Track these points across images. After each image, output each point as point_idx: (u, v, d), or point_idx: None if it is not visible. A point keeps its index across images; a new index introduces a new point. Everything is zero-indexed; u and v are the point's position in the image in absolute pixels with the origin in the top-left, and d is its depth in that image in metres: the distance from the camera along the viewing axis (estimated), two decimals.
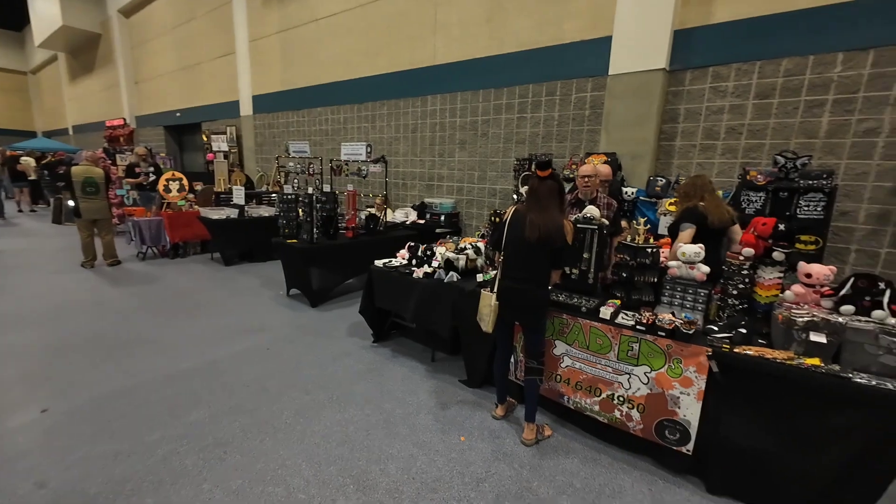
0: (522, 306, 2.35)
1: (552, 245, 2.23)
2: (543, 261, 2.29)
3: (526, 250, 2.27)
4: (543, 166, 2.30)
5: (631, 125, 4.65)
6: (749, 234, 2.18)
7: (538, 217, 2.23)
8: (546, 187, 2.28)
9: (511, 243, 2.33)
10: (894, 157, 3.61)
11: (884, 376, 1.71)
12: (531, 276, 2.30)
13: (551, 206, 2.26)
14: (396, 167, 7.31)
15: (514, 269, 2.33)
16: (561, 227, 2.23)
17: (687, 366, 2.07)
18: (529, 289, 2.30)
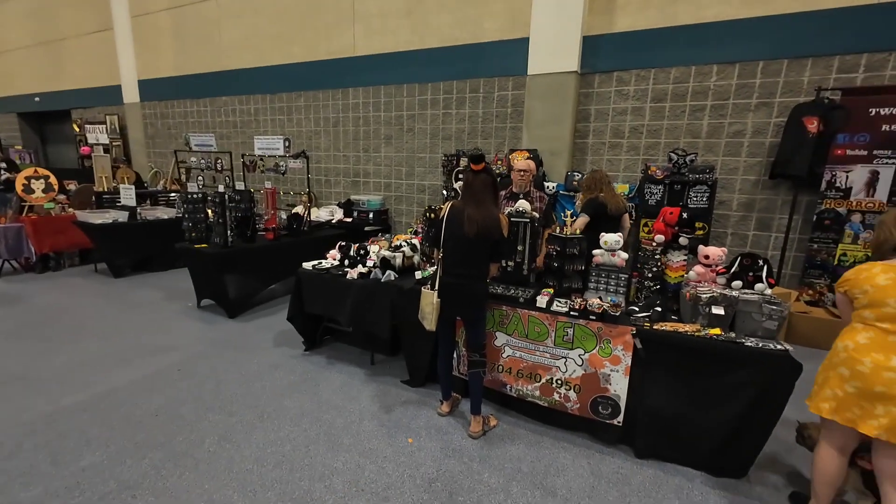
0: (464, 301, 2.36)
1: (490, 239, 2.27)
2: (482, 255, 2.32)
3: (465, 246, 2.28)
4: (476, 160, 2.31)
5: (549, 123, 4.94)
6: (659, 222, 2.44)
7: (475, 212, 2.25)
8: (480, 181, 2.30)
9: (450, 240, 2.32)
10: (756, 154, 4.33)
11: (766, 339, 2.03)
12: (471, 270, 2.32)
13: (486, 199, 2.29)
14: (318, 162, 6.91)
15: (454, 265, 2.32)
16: (497, 221, 2.29)
17: (615, 345, 2.25)
18: (470, 283, 2.32)
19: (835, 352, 1.69)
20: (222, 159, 5.99)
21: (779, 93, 4.15)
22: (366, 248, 3.26)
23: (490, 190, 2.32)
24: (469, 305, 2.38)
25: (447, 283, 2.32)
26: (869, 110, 3.74)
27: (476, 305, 2.39)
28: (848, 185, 3.90)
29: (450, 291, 2.32)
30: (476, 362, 2.41)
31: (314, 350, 3.50)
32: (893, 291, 1.54)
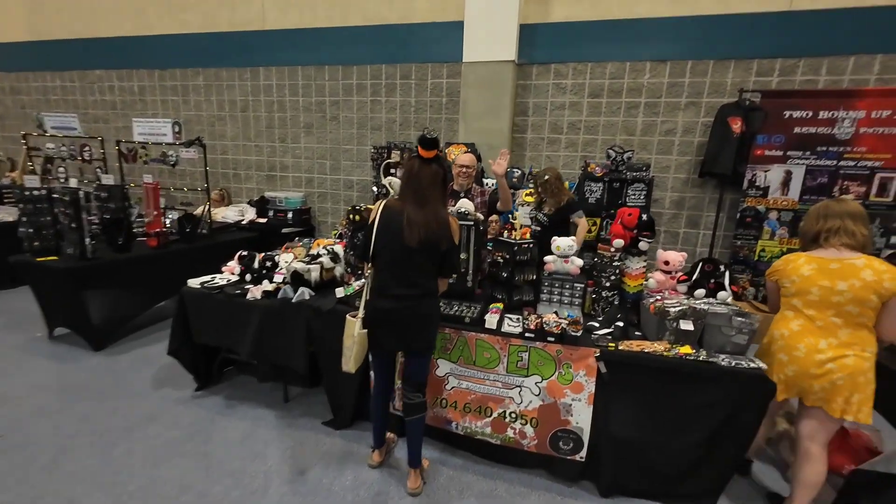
0: (408, 329, 1.82)
1: (438, 248, 1.76)
2: (429, 268, 1.80)
3: (405, 258, 1.75)
4: (429, 144, 1.74)
5: (487, 115, 4.61)
6: (616, 225, 2.16)
7: (419, 214, 1.72)
8: (429, 174, 1.75)
9: (385, 250, 1.78)
10: (686, 153, 4.39)
11: (735, 354, 1.83)
12: (416, 289, 1.79)
13: (434, 197, 1.76)
14: (224, 153, 5.90)
15: (391, 283, 1.78)
16: (447, 225, 1.78)
17: (577, 370, 1.92)
18: (415, 305, 1.79)
19: (772, 339, 1.83)
20: (91, 147, 4.78)
21: (706, 93, 4.22)
22: (274, 258, 2.62)
23: (439, 186, 1.80)
24: (415, 335, 1.84)
25: (382, 307, 1.80)
26: (784, 113, 3.91)
27: (424, 333, 1.86)
28: (766, 183, 4.07)
29: (387, 318, 1.80)
30: (416, 405, 1.92)
31: (210, 389, 2.77)
32: (816, 281, 1.67)
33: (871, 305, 1.57)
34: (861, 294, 1.57)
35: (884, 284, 1.54)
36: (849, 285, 1.59)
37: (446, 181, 1.87)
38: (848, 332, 1.62)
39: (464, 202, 2.38)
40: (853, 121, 3.77)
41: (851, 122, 3.78)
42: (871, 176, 3.82)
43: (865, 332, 1.62)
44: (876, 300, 1.56)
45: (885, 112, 3.69)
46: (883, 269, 1.56)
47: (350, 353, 1.81)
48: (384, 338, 1.83)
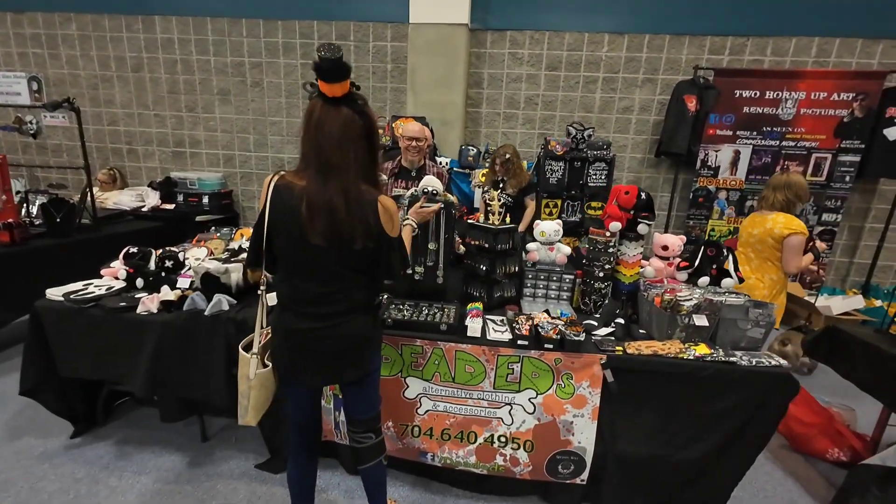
0: (334, 358, 1.27)
1: (361, 245, 1.17)
2: (349, 274, 1.22)
3: (314, 261, 1.19)
4: (332, 70, 1.06)
5: (438, 86, 4.12)
6: (612, 205, 1.85)
7: (321, 192, 1.12)
8: (338, 123, 1.10)
9: (285, 250, 1.21)
10: (642, 132, 4.29)
11: (749, 350, 1.62)
12: (336, 304, 1.23)
13: (346, 164, 1.12)
14: (113, 123, 4.77)
15: (302, 297, 1.23)
16: (375, 208, 1.17)
17: (579, 381, 1.60)
18: (337, 326, 1.23)
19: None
20: None
21: (662, 69, 4.12)
22: (176, 255, 1.96)
23: (357, 144, 1.13)
24: (345, 364, 1.29)
25: (295, 329, 1.24)
26: (735, 92, 3.92)
27: (359, 360, 1.32)
28: (717, 163, 4.10)
29: (302, 344, 1.25)
30: (370, 449, 1.39)
31: (94, 433, 2.07)
32: (745, 228, 2.39)
33: (769, 245, 2.20)
34: (763, 236, 2.23)
35: (775, 230, 2.16)
36: (758, 231, 2.26)
37: (372, 136, 1.17)
38: (757, 263, 2.29)
39: (431, 179, 1.92)
40: (795, 101, 3.88)
41: (793, 103, 3.88)
42: (808, 156, 3.98)
43: (769, 264, 2.24)
44: (772, 241, 2.18)
45: (822, 94, 3.83)
46: (781, 220, 2.17)
47: (246, 402, 1.28)
48: (301, 372, 1.28)
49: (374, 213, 1.17)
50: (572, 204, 4.11)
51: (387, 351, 1.67)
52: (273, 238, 1.20)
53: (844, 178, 3.97)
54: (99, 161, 4.82)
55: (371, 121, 1.16)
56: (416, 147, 2.51)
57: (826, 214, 4.08)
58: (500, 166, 3.20)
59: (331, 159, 1.11)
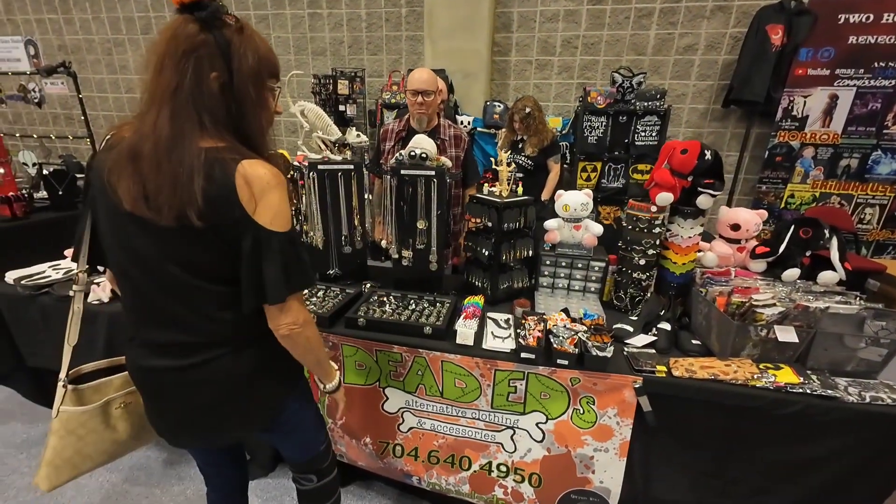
0: (202, 412, 0.89)
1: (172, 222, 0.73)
2: (191, 272, 0.79)
3: (133, 248, 0.79)
4: None
5: (459, 32, 3.55)
6: (661, 170, 1.35)
7: (135, 135, 0.74)
8: (170, 31, 0.73)
9: (108, 248, 0.84)
10: (707, 77, 3.51)
11: (859, 376, 1.13)
12: (187, 326, 0.83)
13: (166, 89, 0.72)
14: (129, 91, 4.65)
15: (135, 315, 0.87)
16: (231, 182, 0.74)
17: (604, 407, 1.20)
18: (198, 364, 0.83)
19: None
20: None
21: None
22: None
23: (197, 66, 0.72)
24: (225, 422, 0.91)
25: (141, 368, 0.88)
26: (838, 17, 3.04)
27: (246, 414, 0.92)
28: (805, 113, 3.28)
29: (154, 392, 0.90)
30: (312, 493, 1.08)
31: None
32: None
33: None
34: None
35: None
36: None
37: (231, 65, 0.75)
38: None
39: (420, 139, 1.52)
40: None
41: None
42: None
43: None
44: None
45: None
46: None
47: (50, 455, 0.95)
48: (170, 429, 0.93)
49: (219, 182, 0.72)
50: (615, 167, 3.51)
51: (361, 356, 1.36)
52: (95, 222, 0.85)
53: None
54: None
55: (228, 44, 0.73)
56: (420, 102, 2.07)
57: None
58: (519, 123, 2.74)
59: (149, 82, 0.73)
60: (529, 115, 2.78)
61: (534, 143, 2.83)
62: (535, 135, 2.84)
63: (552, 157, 2.91)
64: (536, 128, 2.83)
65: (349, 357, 1.37)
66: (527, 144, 2.86)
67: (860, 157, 3.29)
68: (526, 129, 2.83)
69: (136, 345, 0.88)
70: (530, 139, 2.85)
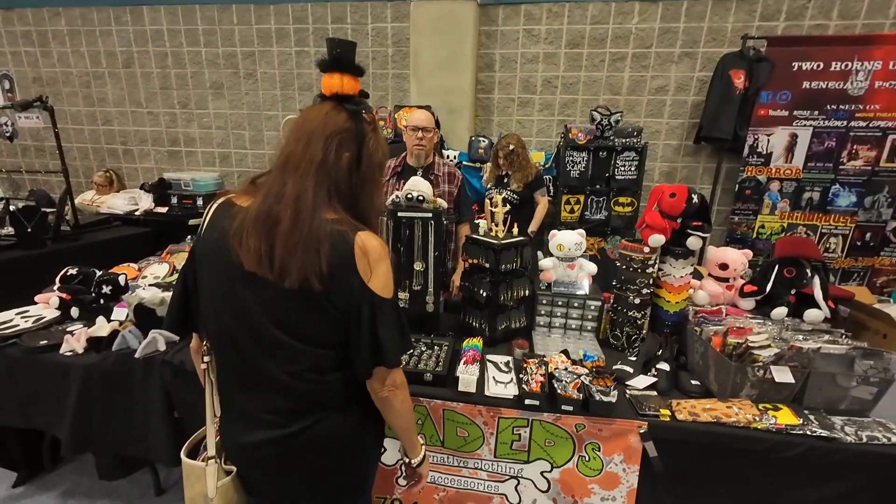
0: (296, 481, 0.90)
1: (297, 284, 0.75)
2: (312, 350, 0.82)
3: (251, 326, 0.81)
4: (344, 62, 0.82)
5: (444, 70, 3.68)
6: (652, 212, 1.40)
7: (268, 197, 0.78)
8: (323, 112, 0.81)
9: (211, 312, 0.84)
10: (679, 115, 3.73)
11: (853, 415, 1.15)
12: (290, 399, 0.84)
13: (314, 161, 0.78)
14: (107, 123, 4.56)
15: (236, 389, 0.88)
16: (340, 243, 0.77)
17: (610, 454, 1.19)
18: (295, 435, 0.84)
19: None
20: None
21: (703, 41, 3.54)
22: (115, 280, 1.64)
23: (341, 147, 0.80)
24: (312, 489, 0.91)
25: (239, 445, 0.89)
26: (792, 64, 3.31)
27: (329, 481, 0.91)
28: (769, 149, 3.51)
29: (252, 468, 0.91)
30: None
31: (39, 480, 1.80)
32: None
33: None
34: None
35: None
36: None
37: (362, 150, 0.83)
38: None
39: (417, 182, 1.53)
40: (868, 73, 3.23)
41: (866, 75, 3.24)
42: (882, 138, 3.34)
43: None
44: None
45: None
46: None
47: None
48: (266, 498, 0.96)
49: (334, 247, 0.76)
50: (597, 200, 3.63)
51: None
52: (202, 288, 0.85)
53: None
54: (96, 163, 4.65)
55: (365, 134, 0.84)
56: (420, 139, 2.10)
57: None
58: (503, 159, 2.82)
59: (293, 154, 0.79)
60: (513, 151, 2.87)
61: (518, 179, 2.91)
62: (518, 170, 2.92)
63: (538, 191, 2.99)
64: (520, 164, 2.92)
65: None
66: (512, 179, 2.93)
67: (821, 191, 3.51)
68: (510, 165, 2.91)
69: (232, 419, 0.89)
70: (515, 175, 2.93)
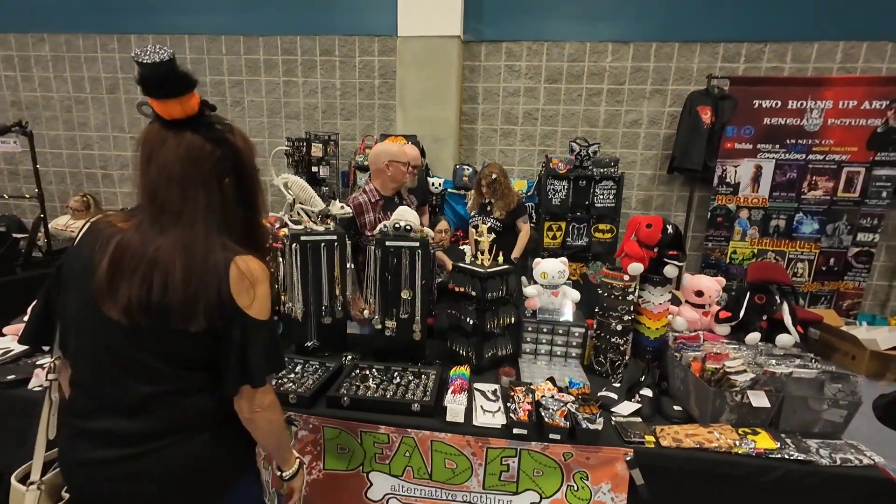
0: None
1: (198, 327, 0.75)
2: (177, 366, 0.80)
3: (115, 349, 0.77)
4: (161, 84, 0.70)
5: (430, 102, 3.81)
6: (630, 242, 1.47)
7: (147, 242, 0.74)
8: (181, 151, 0.74)
9: (72, 330, 0.81)
10: (652, 146, 3.93)
11: (825, 437, 1.20)
12: (151, 413, 0.79)
13: (195, 209, 0.76)
14: (87, 147, 4.50)
15: (90, 401, 0.81)
16: (219, 274, 0.76)
17: (597, 482, 1.19)
18: (153, 451, 0.79)
19: None
20: None
21: (671, 79, 3.79)
22: None
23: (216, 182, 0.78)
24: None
25: (79, 462, 0.81)
26: (753, 102, 3.57)
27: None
28: (736, 179, 3.72)
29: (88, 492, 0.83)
30: None
31: None
32: None
33: None
34: None
35: None
36: None
37: (242, 173, 0.82)
38: None
39: (404, 211, 1.56)
40: (821, 111, 3.51)
41: (819, 113, 3.52)
42: (838, 170, 3.60)
43: None
44: None
45: (851, 102, 3.46)
46: None
47: None
48: None
49: (220, 280, 0.75)
50: (578, 226, 3.75)
51: (344, 439, 1.28)
52: (66, 307, 0.81)
53: (881, 194, 3.58)
54: (73, 187, 4.55)
55: (237, 150, 0.80)
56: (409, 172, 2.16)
57: (861, 234, 3.67)
58: (486, 188, 2.90)
59: (168, 203, 0.75)
60: (495, 181, 2.95)
61: (501, 207, 2.98)
62: (501, 199, 2.99)
63: (520, 218, 3.06)
64: (502, 192, 2.99)
65: (331, 440, 1.28)
66: (495, 207, 3.00)
67: (786, 219, 3.73)
68: (493, 193, 2.98)
69: (76, 437, 0.81)
70: (497, 203, 2.99)
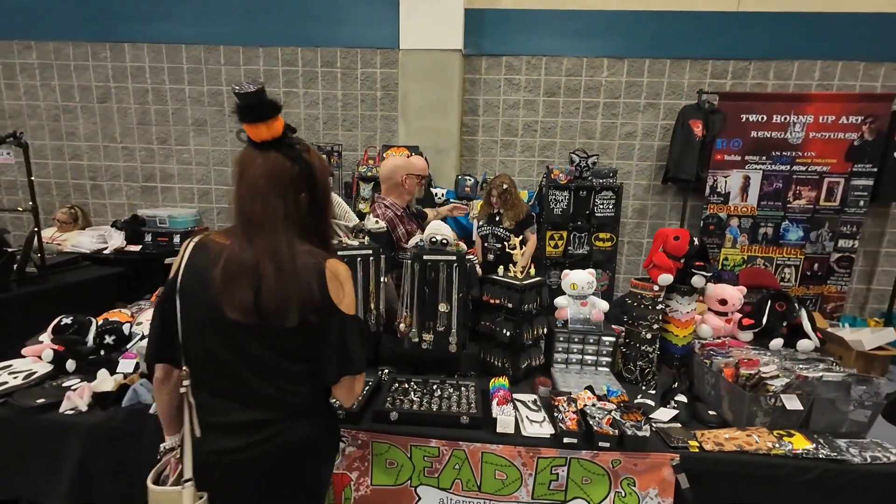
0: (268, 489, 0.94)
1: (296, 322, 0.87)
2: (284, 357, 0.91)
3: (235, 347, 0.89)
4: (253, 110, 0.86)
5: (432, 113, 3.87)
6: (659, 253, 1.54)
7: (247, 255, 0.86)
8: (266, 167, 0.87)
9: (196, 337, 0.91)
10: (647, 158, 4.09)
11: (851, 437, 1.28)
12: (267, 409, 0.92)
13: (276, 218, 0.87)
14: (76, 158, 4.36)
15: (217, 400, 0.92)
16: (316, 274, 0.89)
17: (645, 488, 1.23)
18: (270, 438, 0.91)
19: None
20: None
21: (664, 94, 3.96)
22: (118, 328, 1.55)
23: (295, 193, 0.90)
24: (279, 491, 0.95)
25: (214, 451, 0.91)
26: (741, 116, 3.76)
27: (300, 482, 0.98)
28: (727, 189, 3.90)
29: (225, 473, 0.92)
30: None
31: None
32: None
33: None
34: None
35: None
36: None
37: (315, 187, 0.93)
38: None
39: (439, 226, 1.59)
40: (803, 125, 3.73)
41: (802, 127, 3.74)
42: (820, 181, 3.82)
43: None
44: None
45: (830, 117, 3.69)
46: None
47: None
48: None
49: (318, 280, 0.90)
50: (579, 235, 3.85)
51: (393, 454, 1.28)
52: (183, 318, 0.91)
53: (859, 203, 3.81)
54: (59, 199, 4.39)
55: (312, 168, 0.92)
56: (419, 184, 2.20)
57: (842, 240, 3.89)
58: (497, 198, 2.95)
59: (253, 214, 0.88)
60: (506, 191, 3.01)
61: (511, 217, 3.04)
62: (511, 209, 3.05)
63: (528, 229, 3.12)
64: (512, 203, 3.06)
65: (379, 455, 1.29)
66: (504, 217, 3.06)
67: (773, 226, 3.92)
68: (503, 203, 3.04)
69: (210, 431, 0.91)
70: (507, 213, 3.06)
